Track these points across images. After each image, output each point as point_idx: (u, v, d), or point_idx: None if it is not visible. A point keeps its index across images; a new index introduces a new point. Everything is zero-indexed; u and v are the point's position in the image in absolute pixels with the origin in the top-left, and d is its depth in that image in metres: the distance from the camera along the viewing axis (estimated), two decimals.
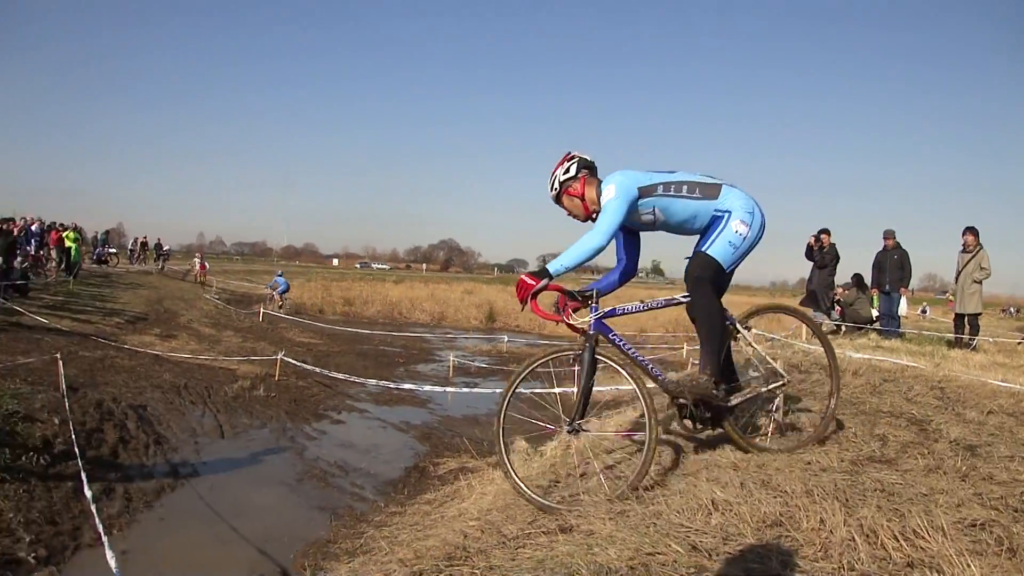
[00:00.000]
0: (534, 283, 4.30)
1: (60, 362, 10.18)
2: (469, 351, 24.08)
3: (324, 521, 7.56)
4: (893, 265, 13.45)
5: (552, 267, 4.27)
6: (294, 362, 15.03)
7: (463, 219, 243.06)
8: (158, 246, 47.82)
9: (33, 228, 24.31)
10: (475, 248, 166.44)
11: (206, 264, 39.63)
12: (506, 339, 25.71)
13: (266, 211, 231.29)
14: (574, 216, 4.72)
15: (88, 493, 6.47)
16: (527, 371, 4.71)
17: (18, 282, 18.55)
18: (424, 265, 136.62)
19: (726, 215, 4.42)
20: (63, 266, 25.17)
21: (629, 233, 4.84)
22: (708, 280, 4.50)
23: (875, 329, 14.08)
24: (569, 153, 4.71)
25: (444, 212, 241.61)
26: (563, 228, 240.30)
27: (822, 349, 5.75)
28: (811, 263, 14.87)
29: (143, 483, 8.05)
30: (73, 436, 8.28)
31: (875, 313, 14.98)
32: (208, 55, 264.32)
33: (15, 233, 19.23)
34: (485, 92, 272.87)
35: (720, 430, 4.97)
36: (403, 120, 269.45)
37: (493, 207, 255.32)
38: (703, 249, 4.44)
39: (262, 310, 28.00)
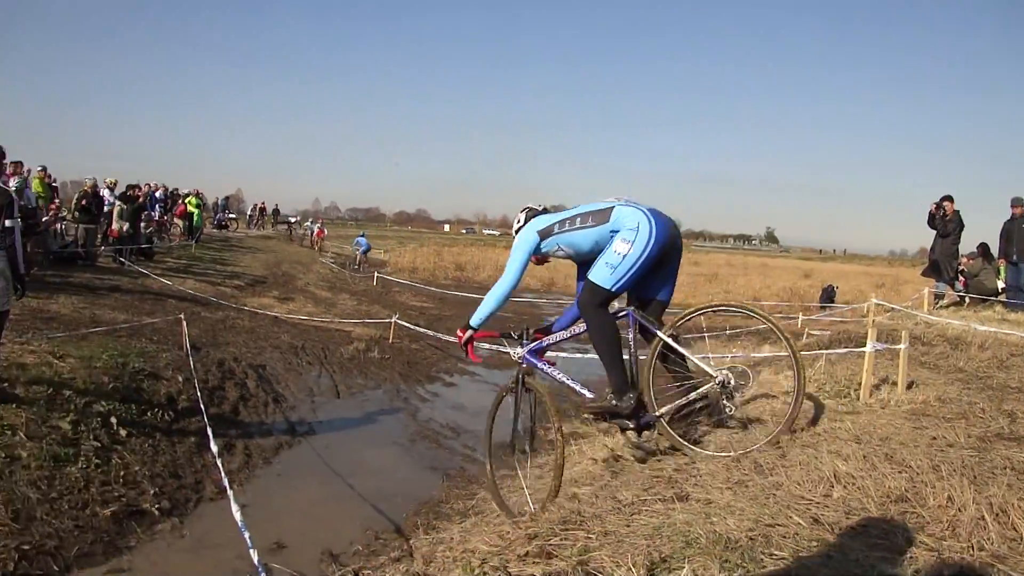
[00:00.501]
0: (461, 335, 5.07)
1: (184, 322, 10.50)
2: None
3: (436, 481, 7.53)
4: (1022, 235, 12.49)
5: (473, 321, 5.02)
6: (408, 325, 15.14)
7: (574, 185, 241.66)
8: (276, 211, 49.26)
9: (157, 194, 25.21)
10: None
11: (324, 230, 40.41)
12: (617, 305, 25.29)
13: (380, 177, 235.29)
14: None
15: (213, 448, 6.62)
16: (495, 408, 5.50)
17: (143, 246, 19.31)
18: None
19: (612, 236, 4.65)
20: (185, 231, 26.06)
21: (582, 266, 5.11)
22: (595, 305, 4.86)
23: (1001, 301, 13.21)
24: (525, 206, 5.46)
25: (556, 178, 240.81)
26: (671, 195, 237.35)
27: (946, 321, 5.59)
28: (933, 231, 14.01)
29: (262, 440, 8.20)
30: (197, 393, 8.51)
31: (1001, 285, 14.06)
32: (325, 22, 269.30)
33: (140, 199, 19.94)
34: (600, 60, 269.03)
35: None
36: (515, 87, 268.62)
37: (602, 173, 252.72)
38: (587, 275, 4.78)
39: (350, 272, 29.70)
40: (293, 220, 42.67)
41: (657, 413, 4.85)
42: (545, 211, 5.30)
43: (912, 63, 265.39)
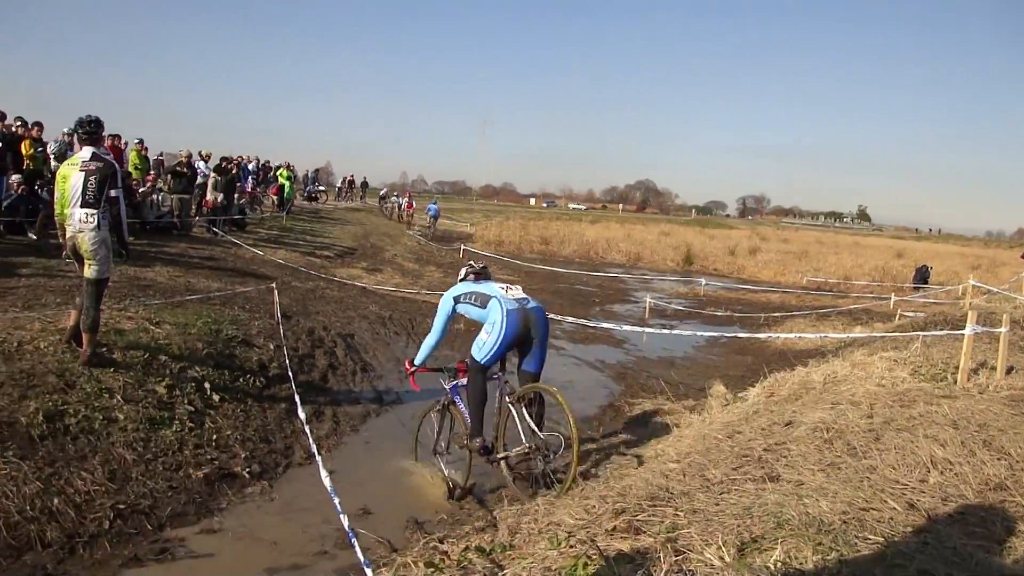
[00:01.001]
0: (408, 367, 6.85)
1: (275, 291, 10.67)
2: (666, 293, 23.61)
3: None
4: None
5: (416, 360, 6.79)
6: None
7: (660, 160, 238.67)
8: (364, 184, 49.96)
9: (250, 167, 25.77)
10: (672, 189, 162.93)
11: (413, 203, 40.71)
12: (704, 282, 24.92)
13: (466, 151, 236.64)
14: None
15: (302, 415, 6.72)
16: (421, 420, 7.07)
17: (236, 217, 19.77)
18: (620, 206, 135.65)
19: (484, 322, 6.32)
20: (277, 202, 26.61)
21: None
22: (475, 369, 6.34)
23: None
24: (468, 263, 7.26)
25: (641, 152, 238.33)
26: (763, 172, 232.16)
27: None
28: None
29: (350, 407, 8.27)
30: (287, 361, 8.65)
31: None
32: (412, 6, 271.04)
33: (234, 171, 20.42)
34: (681, 31, 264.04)
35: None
36: (599, 59, 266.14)
37: (691, 148, 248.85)
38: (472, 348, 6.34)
39: (418, 234, 31.57)
40: (385, 193, 42.99)
41: (500, 456, 6.23)
42: (484, 269, 7.03)
43: (1013, 35, 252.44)
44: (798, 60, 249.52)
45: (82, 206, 6.43)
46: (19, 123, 13.31)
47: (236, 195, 20.59)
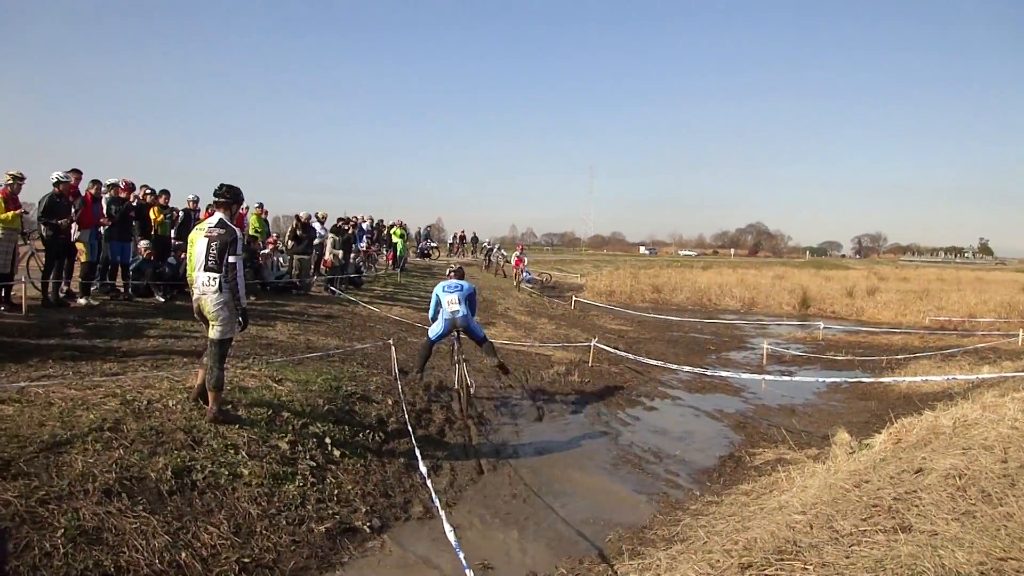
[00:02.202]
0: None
1: (392, 347, 10.86)
2: (783, 338, 22.95)
3: (640, 507, 7.30)
4: None
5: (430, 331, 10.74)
6: (607, 348, 15.02)
7: (771, 201, 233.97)
8: (475, 239, 50.74)
9: (364, 225, 26.52)
10: (784, 231, 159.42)
11: (523, 258, 39.57)
12: (822, 326, 24.13)
13: (574, 201, 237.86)
14: None
15: (422, 468, 6.74)
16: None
17: (352, 275, 20.31)
18: (732, 250, 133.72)
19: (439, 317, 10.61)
20: (392, 260, 27.26)
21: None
22: (427, 341, 10.84)
23: None
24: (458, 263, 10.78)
25: (751, 195, 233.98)
26: (878, 209, 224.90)
27: None
28: None
29: (467, 461, 8.26)
30: (405, 416, 8.73)
31: None
32: (522, 52, 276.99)
33: (350, 231, 21.05)
34: (783, 68, 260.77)
35: None
36: (705, 103, 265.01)
37: (802, 187, 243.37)
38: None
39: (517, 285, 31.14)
40: (489, 247, 41.88)
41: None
42: (459, 270, 11.02)
43: None
44: (903, 91, 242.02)
45: (205, 270, 6.75)
46: (148, 191, 14.08)
47: (352, 254, 21.18)
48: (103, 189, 12.40)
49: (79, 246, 11.86)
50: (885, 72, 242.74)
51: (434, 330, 10.48)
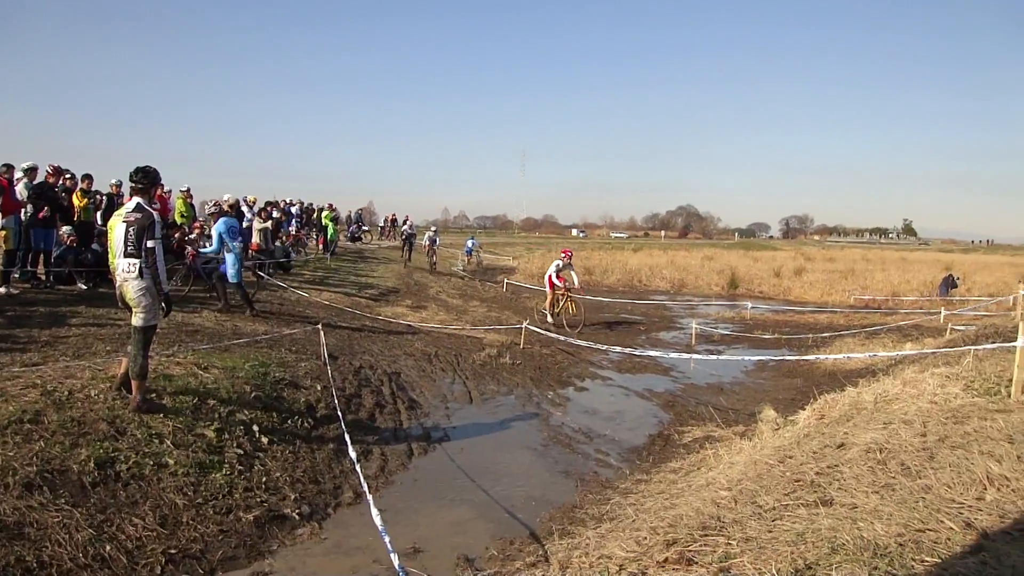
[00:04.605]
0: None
1: (321, 332, 10.77)
2: (712, 318, 23.38)
3: (570, 486, 7.38)
4: None
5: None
6: (538, 330, 15.10)
7: (701, 184, 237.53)
8: (404, 221, 50.48)
9: (293, 210, 26.17)
10: (714, 213, 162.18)
11: (436, 240, 35.33)
12: (750, 306, 24.65)
13: (507, 185, 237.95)
14: None
15: (352, 454, 6.72)
16: None
17: (281, 260, 20.03)
18: (662, 232, 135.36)
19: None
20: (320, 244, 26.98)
21: None
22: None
23: None
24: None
25: (681, 178, 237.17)
26: (805, 191, 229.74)
27: None
28: None
29: (398, 446, 8.25)
30: (335, 401, 8.68)
31: None
32: (450, 33, 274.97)
33: (278, 215, 20.77)
34: (716, 51, 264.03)
35: None
36: (635, 85, 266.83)
37: (731, 170, 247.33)
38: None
39: (462, 270, 31.42)
40: (410, 231, 33.23)
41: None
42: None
43: None
44: (832, 74, 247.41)
45: (125, 256, 6.61)
46: (68, 176, 13.65)
47: (281, 238, 20.86)
48: (17, 175, 11.96)
49: (1, 233, 11.48)
50: (810, 56, 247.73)
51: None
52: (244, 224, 18.66)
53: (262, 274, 17.68)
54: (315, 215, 29.41)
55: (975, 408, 6.24)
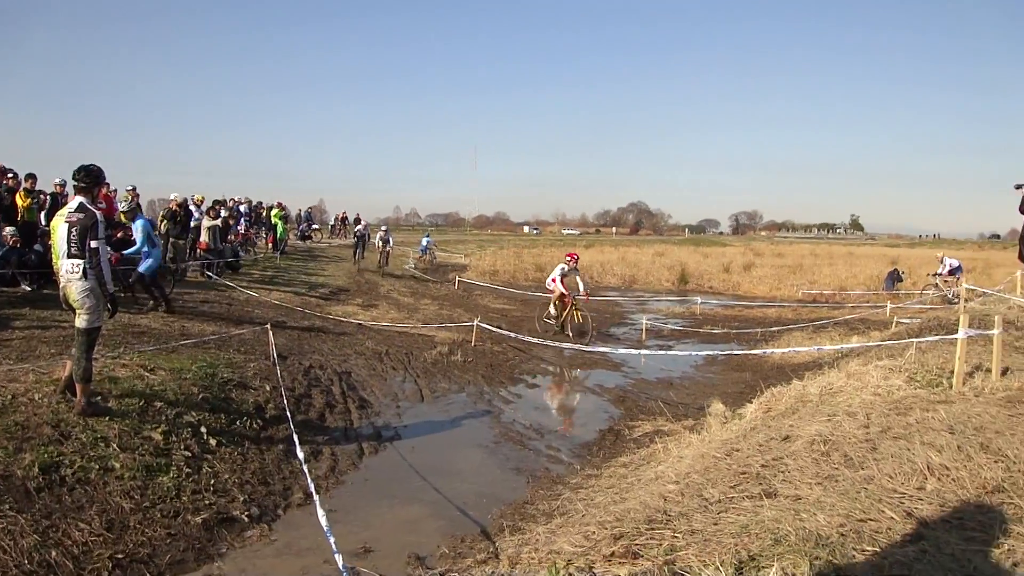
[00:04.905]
0: None
1: (270, 332, 10.70)
2: (662, 313, 23.66)
3: (522, 483, 7.44)
4: None
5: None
6: (490, 327, 15.14)
7: (652, 181, 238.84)
8: (357, 221, 50.10)
9: (242, 208, 25.86)
10: (665, 210, 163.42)
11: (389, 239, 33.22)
12: (699, 301, 25.03)
13: (459, 183, 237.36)
14: None
15: (300, 455, 6.68)
16: None
17: (230, 259, 19.81)
18: (614, 229, 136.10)
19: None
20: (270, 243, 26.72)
21: None
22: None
23: None
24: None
25: (633, 175, 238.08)
26: (754, 188, 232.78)
27: None
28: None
29: (348, 445, 8.24)
30: (284, 401, 8.64)
31: None
32: (405, 32, 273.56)
33: (226, 214, 20.53)
34: (666, 49, 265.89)
35: None
36: (585, 82, 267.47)
37: (682, 167, 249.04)
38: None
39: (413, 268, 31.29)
40: (363, 232, 31.71)
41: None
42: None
43: (991, 47, 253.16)
44: (778, 70, 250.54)
45: (68, 257, 6.52)
46: (11, 175, 13.38)
47: (230, 237, 20.64)
48: None
49: None
50: (758, 53, 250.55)
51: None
52: (192, 223, 18.45)
53: (211, 274, 17.50)
54: (264, 214, 29.07)
55: (917, 399, 6.38)
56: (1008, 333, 8.35)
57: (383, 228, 31.81)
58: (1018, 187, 12.89)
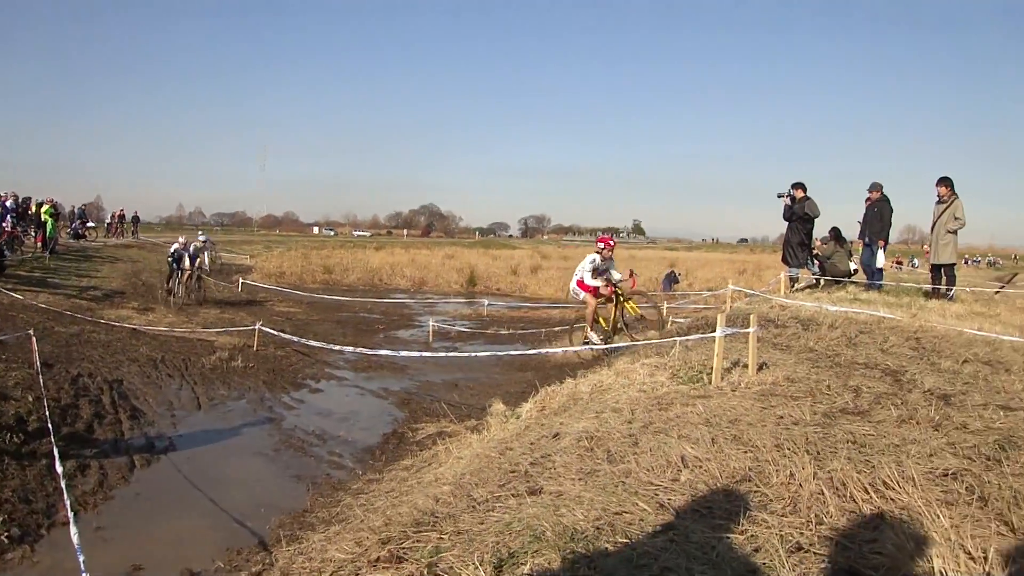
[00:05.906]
0: None
1: (34, 339, 10.06)
2: (450, 315, 24.08)
3: (302, 491, 7.47)
4: (873, 217, 13.25)
5: None
6: (272, 332, 14.88)
7: (444, 184, 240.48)
8: (135, 219, 47.32)
9: (8, 204, 23.86)
10: (456, 212, 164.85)
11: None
12: (487, 303, 25.68)
13: (246, 182, 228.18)
14: None
15: (60, 469, 6.38)
16: None
17: None
18: (405, 231, 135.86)
19: None
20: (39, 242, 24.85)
21: None
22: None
23: (853, 282, 14.11)
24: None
25: (425, 177, 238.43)
26: (543, 192, 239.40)
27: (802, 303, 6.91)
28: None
29: (119, 458, 7.94)
30: (47, 413, 8.19)
31: (853, 266, 14.99)
32: (184, 15, 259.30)
33: None
34: (461, 56, 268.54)
35: None
36: (380, 85, 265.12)
37: (474, 172, 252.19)
38: None
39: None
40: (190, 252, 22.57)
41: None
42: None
43: (763, 68, 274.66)
44: (567, 81, 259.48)
45: None
46: None
47: None
48: None
49: None
50: (546, 67, 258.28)
51: None
52: None
53: None
54: (33, 210, 26.91)
55: (678, 395, 6.69)
56: (767, 330, 9.12)
57: (201, 238, 24.29)
58: (780, 196, 14.28)
